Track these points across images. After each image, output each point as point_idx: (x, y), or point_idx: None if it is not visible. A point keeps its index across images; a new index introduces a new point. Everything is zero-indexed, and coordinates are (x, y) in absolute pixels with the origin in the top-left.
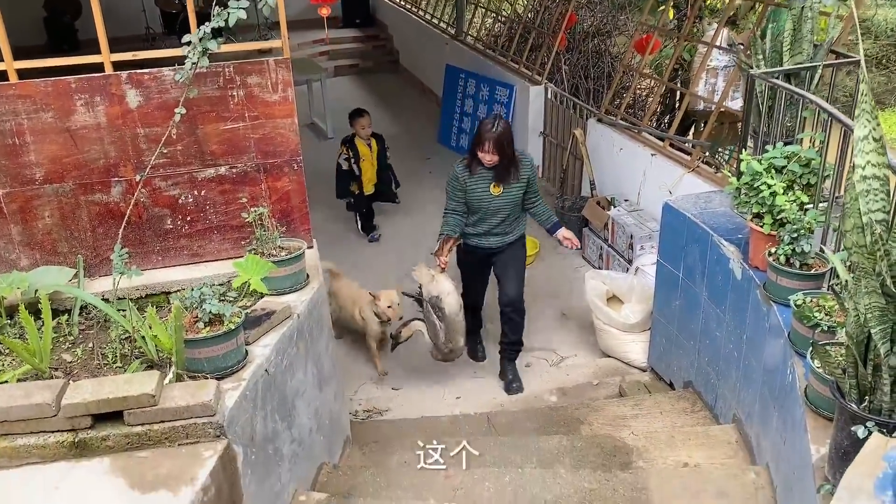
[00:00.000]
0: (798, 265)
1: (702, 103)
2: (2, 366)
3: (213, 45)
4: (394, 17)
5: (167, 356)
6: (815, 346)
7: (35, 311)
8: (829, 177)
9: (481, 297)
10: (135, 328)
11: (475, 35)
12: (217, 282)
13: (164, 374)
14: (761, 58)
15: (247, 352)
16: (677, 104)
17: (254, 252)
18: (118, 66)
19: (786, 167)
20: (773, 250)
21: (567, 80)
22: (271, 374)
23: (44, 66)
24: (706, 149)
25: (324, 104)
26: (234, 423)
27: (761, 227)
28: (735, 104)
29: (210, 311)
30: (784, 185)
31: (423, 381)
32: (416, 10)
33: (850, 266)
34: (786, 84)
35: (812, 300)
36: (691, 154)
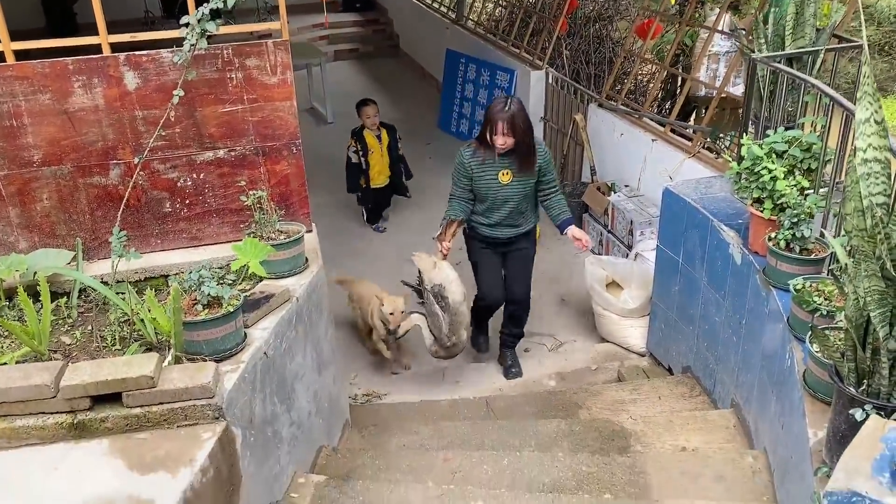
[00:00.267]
0: (798, 250)
1: (703, 89)
2: (1, 348)
3: (211, 27)
4: (394, 0)
5: (166, 339)
6: (814, 330)
7: (34, 293)
8: (829, 161)
9: (500, 291)
10: (134, 311)
11: (476, 19)
12: (216, 265)
13: (162, 356)
14: (763, 42)
15: (245, 335)
16: (678, 89)
17: (253, 235)
18: (117, 49)
19: (787, 152)
20: (772, 235)
21: (568, 65)
22: (270, 357)
23: (41, 48)
24: (707, 134)
25: (323, 89)
26: (233, 405)
27: (761, 211)
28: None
29: (208, 294)
30: (785, 170)
31: (422, 366)
32: None
33: (850, 250)
34: (788, 68)
35: (811, 285)
36: (692, 140)
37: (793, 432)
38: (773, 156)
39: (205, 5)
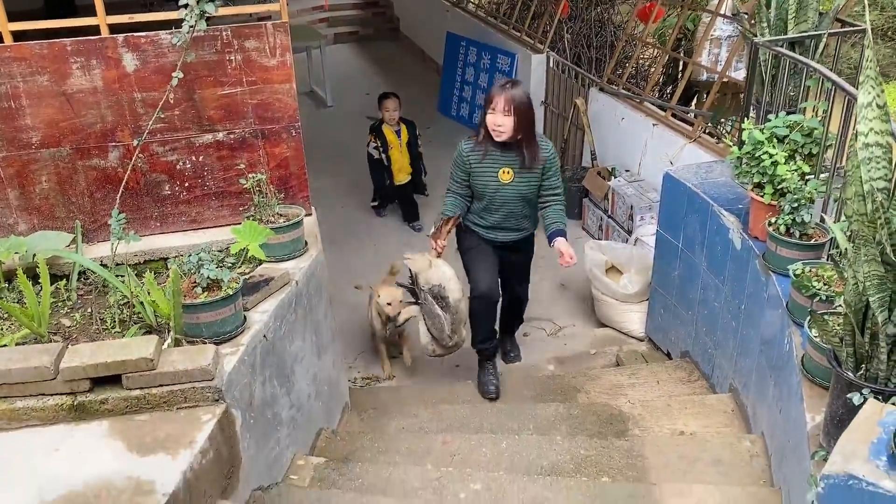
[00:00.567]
0: (798, 235)
1: (705, 73)
2: (0, 330)
3: (210, 8)
4: None
5: (165, 321)
6: (813, 315)
7: (33, 276)
8: (831, 146)
9: (495, 284)
10: (133, 293)
11: (477, 2)
12: (215, 248)
13: (162, 338)
14: (766, 26)
15: (245, 317)
16: (680, 74)
17: (252, 218)
18: (115, 30)
19: (788, 136)
20: (773, 220)
21: (569, 48)
22: (269, 339)
23: (39, 28)
24: (708, 119)
25: (323, 72)
26: (233, 387)
27: (762, 196)
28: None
29: (208, 277)
30: (786, 155)
31: (421, 350)
32: None
33: (850, 235)
34: (790, 52)
35: (811, 270)
36: (693, 124)
37: (791, 416)
38: (774, 140)
39: None
